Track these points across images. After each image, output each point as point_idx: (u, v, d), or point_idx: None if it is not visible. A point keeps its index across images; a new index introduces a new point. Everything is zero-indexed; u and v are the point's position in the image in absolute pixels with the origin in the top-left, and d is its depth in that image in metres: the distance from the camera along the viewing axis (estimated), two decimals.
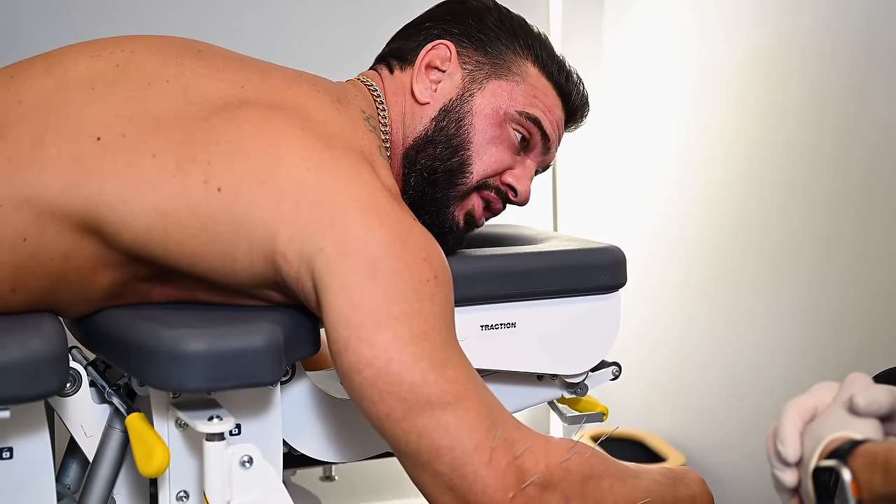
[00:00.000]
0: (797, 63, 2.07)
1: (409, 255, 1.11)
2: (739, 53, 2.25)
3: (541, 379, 1.41)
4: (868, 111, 1.88)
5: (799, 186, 2.07)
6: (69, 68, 1.18)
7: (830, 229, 1.98)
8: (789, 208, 2.09)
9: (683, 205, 2.46)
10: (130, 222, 1.10)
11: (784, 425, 0.99)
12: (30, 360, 0.98)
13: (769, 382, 2.15)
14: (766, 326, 2.17)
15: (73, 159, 1.09)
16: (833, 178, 1.97)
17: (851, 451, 0.89)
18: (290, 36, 2.38)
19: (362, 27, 2.26)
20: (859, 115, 1.91)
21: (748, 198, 2.23)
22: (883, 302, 1.86)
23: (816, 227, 2.02)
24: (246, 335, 1.07)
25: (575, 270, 1.36)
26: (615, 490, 1.14)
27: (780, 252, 2.13)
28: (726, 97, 2.30)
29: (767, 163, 2.16)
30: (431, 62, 1.36)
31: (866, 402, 0.94)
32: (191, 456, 1.13)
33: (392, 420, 1.06)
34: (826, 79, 1.99)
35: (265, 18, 2.37)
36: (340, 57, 2.01)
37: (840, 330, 1.96)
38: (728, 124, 2.30)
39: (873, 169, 1.87)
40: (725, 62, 2.30)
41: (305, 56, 2.24)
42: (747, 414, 2.22)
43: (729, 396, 2.29)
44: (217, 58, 1.25)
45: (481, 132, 1.33)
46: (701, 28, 2.40)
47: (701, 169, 2.39)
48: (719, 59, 2.32)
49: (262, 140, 1.13)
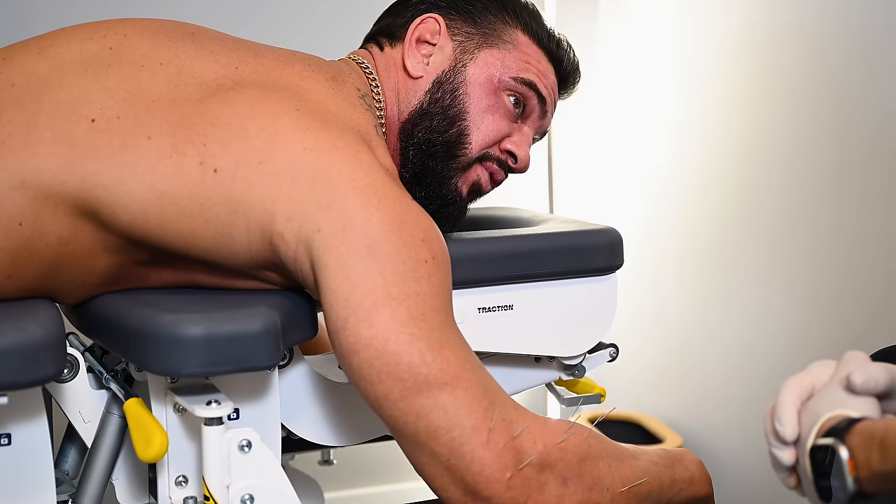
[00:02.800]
0: (794, 43, 2.07)
1: (408, 236, 1.11)
2: (736, 33, 2.25)
3: (538, 361, 1.41)
4: (866, 93, 1.88)
5: (796, 167, 2.07)
6: (62, 51, 1.17)
7: (829, 207, 1.98)
8: (787, 188, 2.09)
9: (680, 185, 2.46)
10: (127, 204, 1.10)
11: (781, 404, 0.99)
12: (27, 345, 0.98)
13: (768, 363, 2.15)
14: (765, 307, 2.18)
15: (67, 141, 1.09)
16: (831, 158, 1.97)
17: (848, 429, 0.90)
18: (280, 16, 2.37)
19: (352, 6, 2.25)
20: (857, 97, 1.90)
21: (745, 178, 2.23)
22: (882, 281, 1.86)
23: (814, 206, 2.02)
24: (244, 319, 1.07)
25: (572, 252, 1.35)
26: (612, 470, 1.14)
27: (779, 232, 2.13)
28: (723, 77, 2.30)
29: (765, 143, 2.16)
30: (421, 36, 1.36)
31: (863, 379, 0.95)
32: (189, 441, 1.14)
33: (390, 400, 1.06)
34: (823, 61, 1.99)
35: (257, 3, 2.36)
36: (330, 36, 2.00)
37: (839, 310, 1.96)
38: (725, 105, 2.29)
39: (871, 150, 1.87)
40: (722, 41, 2.29)
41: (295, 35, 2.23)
42: (745, 395, 2.22)
43: (727, 378, 2.29)
44: (210, 40, 1.24)
45: (477, 101, 1.33)
46: (697, 9, 2.40)
47: (697, 149, 2.39)
48: (716, 38, 2.32)
49: (258, 121, 1.13)
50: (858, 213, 1.91)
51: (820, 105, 1.99)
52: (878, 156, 1.85)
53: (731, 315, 2.29)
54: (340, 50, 1.45)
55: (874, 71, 1.86)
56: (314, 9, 2.37)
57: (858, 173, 1.91)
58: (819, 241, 2.01)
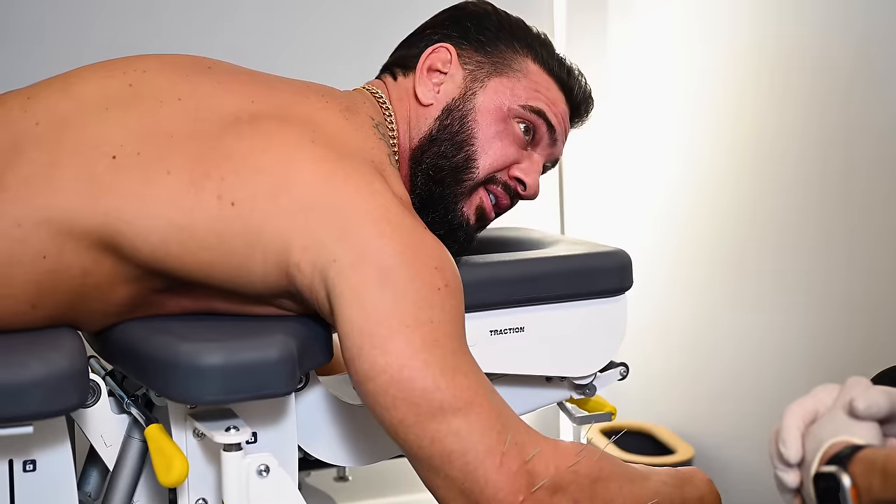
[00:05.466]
0: (801, 61, 2.08)
1: (421, 264, 1.13)
2: (743, 54, 2.26)
3: (549, 381, 1.44)
4: (872, 104, 1.90)
5: (804, 184, 2.08)
6: (84, 89, 1.20)
7: (837, 221, 2.00)
8: (795, 203, 2.11)
9: (689, 198, 2.48)
10: (147, 237, 1.13)
11: (785, 427, 1.01)
12: (51, 377, 1.01)
13: (777, 374, 2.17)
14: (773, 319, 2.19)
15: (89, 178, 1.12)
16: (837, 175, 1.99)
17: (851, 457, 0.92)
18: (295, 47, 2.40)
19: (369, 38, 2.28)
20: (863, 110, 1.92)
21: (755, 193, 2.24)
22: (889, 292, 1.87)
23: (823, 221, 2.04)
24: (261, 348, 1.09)
25: (582, 275, 1.38)
26: (624, 492, 1.15)
27: (787, 243, 2.15)
28: (731, 96, 2.31)
29: (774, 162, 2.17)
30: (433, 65, 1.39)
31: (865, 405, 0.97)
32: (209, 465, 1.16)
33: (405, 426, 1.09)
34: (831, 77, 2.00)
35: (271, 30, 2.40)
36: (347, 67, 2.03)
37: (846, 322, 1.98)
38: (733, 125, 2.31)
39: (877, 163, 1.89)
40: (730, 62, 2.31)
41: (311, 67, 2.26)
42: (756, 405, 2.24)
43: (737, 388, 2.30)
44: (226, 74, 1.27)
45: (485, 128, 1.35)
46: (705, 30, 2.42)
47: (706, 164, 2.41)
48: (724, 59, 2.33)
49: (274, 154, 1.16)
50: (867, 228, 1.92)
51: (828, 119, 2.01)
52: (886, 169, 1.86)
53: (740, 326, 2.30)
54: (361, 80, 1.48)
55: (882, 84, 1.87)
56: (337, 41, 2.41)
57: (867, 189, 1.92)
58: (827, 253, 2.03)
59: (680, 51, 2.52)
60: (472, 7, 1.45)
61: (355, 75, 1.53)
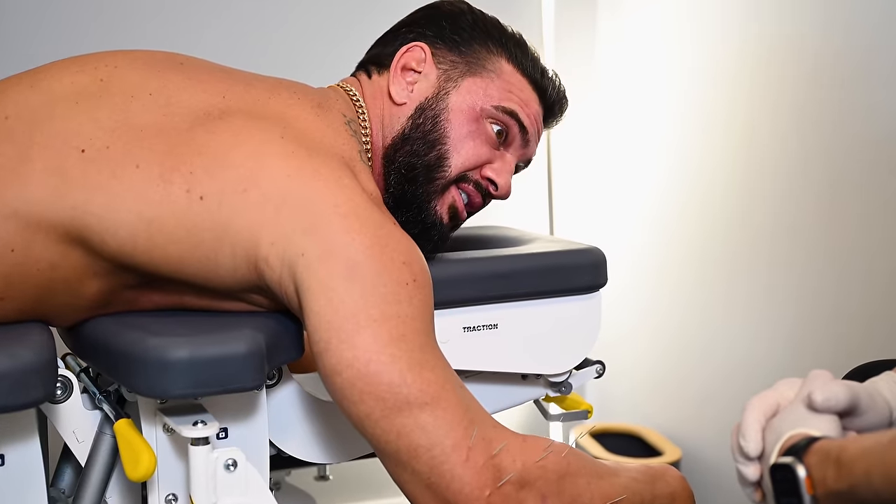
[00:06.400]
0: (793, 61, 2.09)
1: (389, 259, 1.14)
2: (734, 53, 2.27)
3: (525, 378, 1.44)
4: (864, 106, 1.90)
5: (796, 186, 2.08)
6: (54, 84, 1.21)
7: (825, 224, 2.00)
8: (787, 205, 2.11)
9: (679, 201, 2.48)
10: (116, 231, 1.14)
11: (746, 421, 1.03)
12: (16, 370, 1.01)
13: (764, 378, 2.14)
14: (762, 320, 2.19)
15: (57, 172, 1.13)
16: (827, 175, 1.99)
17: (807, 449, 0.93)
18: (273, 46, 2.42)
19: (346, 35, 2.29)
20: (854, 113, 1.92)
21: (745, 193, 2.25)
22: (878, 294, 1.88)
23: (812, 222, 2.04)
24: (228, 342, 1.10)
25: (555, 272, 1.38)
26: (592, 487, 1.15)
27: (777, 246, 2.15)
28: (721, 95, 2.32)
29: (765, 162, 2.18)
30: (407, 64, 1.39)
31: (823, 398, 0.98)
32: (178, 460, 1.17)
33: (372, 420, 1.09)
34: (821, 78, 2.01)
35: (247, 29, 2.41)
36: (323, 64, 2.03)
37: (835, 326, 1.98)
38: (724, 124, 2.31)
39: (867, 165, 1.89)
40: (719, 62, 2.32)
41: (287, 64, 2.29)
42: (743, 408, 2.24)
43: (726, 392, 2.30)
44: (199, 70, 1.28)
45: (458, 127, 1.36)
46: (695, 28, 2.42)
47: (697, 167, 2.41)
48: (713, 59, 2.34)
49: (243, 149, 1.17)
50: (855, 228, 1.92)
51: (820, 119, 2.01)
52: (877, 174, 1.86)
53: (728, 329, 2.31)
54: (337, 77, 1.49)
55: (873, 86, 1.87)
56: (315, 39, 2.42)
57: (857, 189, 1.92)
58: (817, 257, 2.03)
59: (670, 49, 2.52)
60: (448, 6, 1.45)
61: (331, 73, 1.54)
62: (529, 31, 1.51)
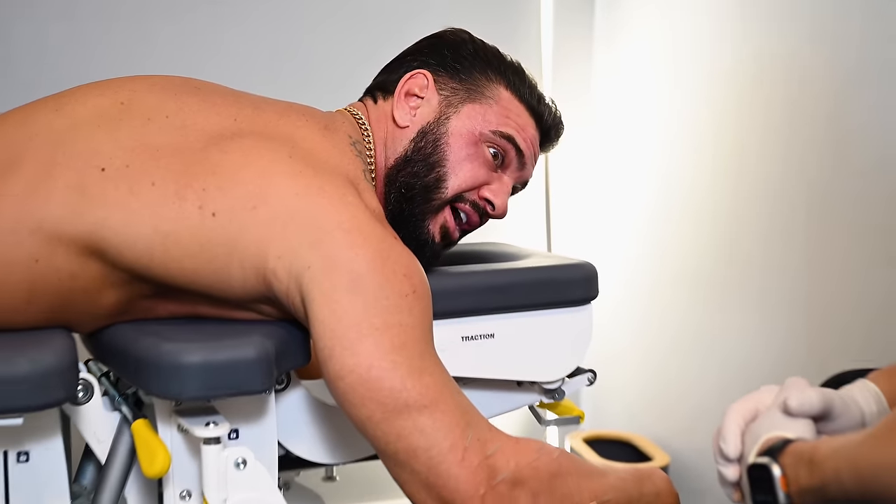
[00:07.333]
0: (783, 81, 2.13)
1: (390, 271, 1.20)
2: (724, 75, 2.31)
3: (520, 385, 1.50)
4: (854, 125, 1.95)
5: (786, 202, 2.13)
6: (78, 108, 1.29)
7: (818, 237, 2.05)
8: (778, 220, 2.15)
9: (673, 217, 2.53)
10: (133, 244, 1.21)
11: (726, 425, 1.09)
12: (37, 373, 1.08)
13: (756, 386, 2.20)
14: (752, 332, 2.24)
15: (79, 189, 1.20)
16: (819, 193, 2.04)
17: (782, 449, 0.99)
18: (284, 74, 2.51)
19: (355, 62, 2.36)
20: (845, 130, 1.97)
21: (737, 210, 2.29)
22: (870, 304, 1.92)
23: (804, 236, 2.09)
24: (239, 348, 1.17)
25: (549, 285, 1.45)
26: (582, 486, 1.20)
27: (769, 261, 2.19)
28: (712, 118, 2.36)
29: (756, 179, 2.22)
30: (410, 90, 1.47)
31: (798, 403, 1.04)
32: (192, 458, 1.23)
33: (373, 422, 1.15)
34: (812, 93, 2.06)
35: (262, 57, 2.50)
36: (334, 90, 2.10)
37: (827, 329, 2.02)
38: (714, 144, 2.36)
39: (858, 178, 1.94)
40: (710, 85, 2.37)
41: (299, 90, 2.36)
42: None
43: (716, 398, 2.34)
44: (213, 94, 1.35)
45: (457, 150, 1.43)
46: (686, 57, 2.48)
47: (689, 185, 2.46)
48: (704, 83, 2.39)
49: (253, 168, 1.23)
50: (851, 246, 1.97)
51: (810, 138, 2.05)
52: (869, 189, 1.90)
53: (721, 339, 2.35)
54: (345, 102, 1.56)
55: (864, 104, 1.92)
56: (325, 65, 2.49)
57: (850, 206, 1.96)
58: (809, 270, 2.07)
59: (662, 77, 2.58)
60: (451, 36, 1.53)
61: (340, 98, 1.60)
62: (528, 63, 1.58)
